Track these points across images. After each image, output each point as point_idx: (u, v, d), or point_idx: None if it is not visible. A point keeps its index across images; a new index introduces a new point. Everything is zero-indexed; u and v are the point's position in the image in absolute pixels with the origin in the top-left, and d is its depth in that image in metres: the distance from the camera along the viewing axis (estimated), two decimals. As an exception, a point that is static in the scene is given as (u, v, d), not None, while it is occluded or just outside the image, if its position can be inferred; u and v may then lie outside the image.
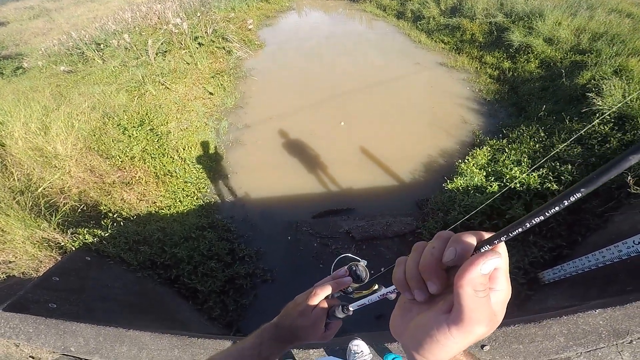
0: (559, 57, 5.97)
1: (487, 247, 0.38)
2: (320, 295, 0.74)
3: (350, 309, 0.72)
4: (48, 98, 5.50)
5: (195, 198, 4.79)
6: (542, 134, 4.40)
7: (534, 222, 0.35)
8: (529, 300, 3.17)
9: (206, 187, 5.08)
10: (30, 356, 2.08)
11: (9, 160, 4.09)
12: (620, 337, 1.57)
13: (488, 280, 0.38)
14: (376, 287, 0.73)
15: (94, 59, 7.61)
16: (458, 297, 0.37)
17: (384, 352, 2.08)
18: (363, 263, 0.78)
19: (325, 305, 0.75)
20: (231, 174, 5.36)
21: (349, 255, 0.86)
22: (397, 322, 0.48)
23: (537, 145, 4.25)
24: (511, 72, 6.47)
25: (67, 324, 2.07)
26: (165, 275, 3.60)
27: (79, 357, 1.99)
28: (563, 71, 5.46)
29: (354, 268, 0.75)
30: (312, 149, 5.60)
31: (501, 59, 6.92)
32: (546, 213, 0.34)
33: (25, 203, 3.42)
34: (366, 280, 0.74)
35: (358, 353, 2.08)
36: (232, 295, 3.68)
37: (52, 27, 12.57)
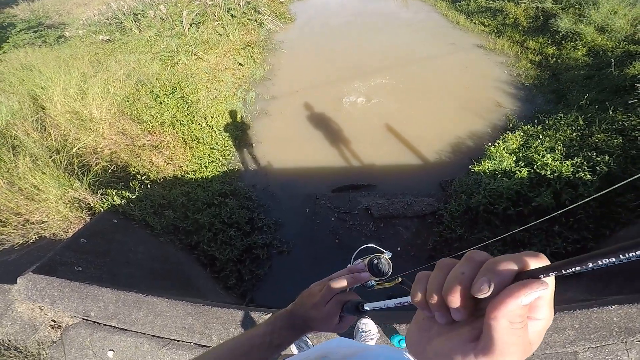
0: (610, 47, 5.59)
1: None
2: (334, 289, 0.70)
3: (366, 308, 0.66)
4: (87, 65, 5.71)
5: (219, 164, 4.90)
6: (581, 123, 4.15)
7: (598, 264, 0.29)
8: None
9: (231, 155, 5.18)
10: (52, 320, 2.12)
11: (48, 122, 4.29)
12: (631, 334, 1.52)
13: (527, 310, 0.33)
14: (399, 280, 0.72)
15: (131, 29, 7.80)
16: (489, 328, 0.32)
17: (392, 332, 2.04)
18: (387, 255, 0.72)
19: (339, 299, 0.70)
20: (256, 143, 5.43)
21: (372, 245, 0.80)
22: (415, 338, 0.43)
23: (574, 134, 4.02)
24: (555, 59, 6.09)
25: (89, 287, 2.08)
26: (186, 241, 3.68)
27: (97, 322, 2.01)
28: (613, 60, 5.11)
29: (376, 261, 0.70)
30: (336, 123, 5.56)
31: (545, 44, 6.52)
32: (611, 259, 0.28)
33: (61, 161, 3.57)
34: (389, 274, 0.70)
35: (366, 332, 2.05)
36: (248, 265, 3.72)
37: (93, -2, 12.91)
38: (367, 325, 2.09)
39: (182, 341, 1.89)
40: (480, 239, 3.40)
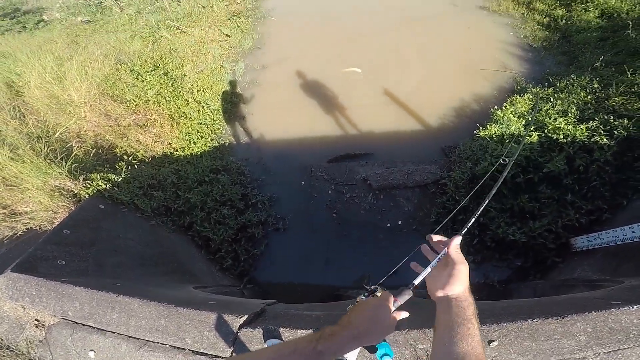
0: (625, 9, 5.27)
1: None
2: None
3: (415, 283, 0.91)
4: (62, 48, 5.50)
5: (209, 139, 4.76)
6: (596, 85, 3.90)
7: None
8: (555, 268, 2.96)
9: (221, 129, 5.02)
10: (35, 319, 2.07)
11: (26, 109, 4.13)
12: (651, 336, 1.35)
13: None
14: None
15: (111, 8, 7.46)
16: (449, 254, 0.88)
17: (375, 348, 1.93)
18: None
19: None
20: (247, 115, 5.25)
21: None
22: (429, 284, 0.89)
23: (588, 97, 3.77)
24: (564, 21, 5.73)
25: (64, 286, 2.02)
26: (179, 223, 3.59)
27: (76, 322, 1.98)
28: (630, 22, 4.78)
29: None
30: (331, 89, 5.30)
31: (553, 6, 6.14)
32: None
33: (41, 149, 3.40)
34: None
35: None
36: (244, 244, 3.66)
37: (70, -22, 12.27)
38: None
39: (158, 342, 1.82)
40: (487, 210, 3.20)
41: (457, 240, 0.87)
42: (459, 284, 0.81)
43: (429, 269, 0.86)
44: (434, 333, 0.81)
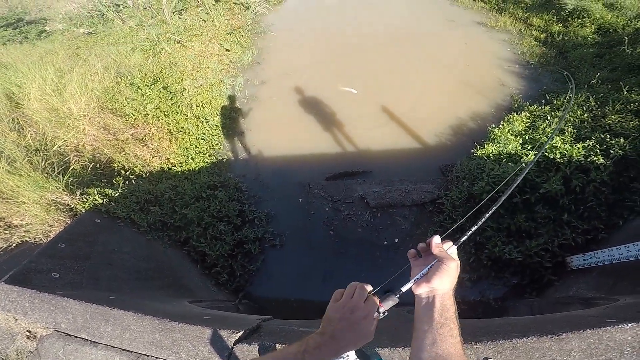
0: (621, 24, 5.37)
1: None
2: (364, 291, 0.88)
3: (403, 289, 0.87)
4: (63, 60, 5.49)
5: (207, 155, 4.77)
6: (593, 103, 3.93)
7: None
8: (551, 286, 2.95)
9: (219, 144, 5.02)
10: (27, 330, 2.08)
11: (25, 121, 4.12)
12: (645, 353, 1.37)
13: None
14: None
15: (113, 20, 7.55)
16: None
17: (373, 357, 1.94)
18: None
19: (371, 300, 0.85)
20: (245, 130, 5.27)
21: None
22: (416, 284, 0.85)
23: (585, 115, 3.80)
24: (561, 36, 5.82)
25: (58, 299, 2.03)
26: (175, 238, 3.57)
27: (68, 334, 1.98)
28: (626, 38, 4.85)
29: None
30: (329, 106, 5.34)
31: (550, 22, 6.26)
32: None
33: (38, 162, 3.40)
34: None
35: (344, 357, 1.92)
36: (240, 260, 3.65)
37: (73, -10, 12.43)
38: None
39: (152, 356, 1.81)
40: (483, 229, 3.19)
41: (448, 245, 0.86)
42: (447, 280, 0.79)
43: (418, 277, 0.85)
44: (414, 332, 0.80)
